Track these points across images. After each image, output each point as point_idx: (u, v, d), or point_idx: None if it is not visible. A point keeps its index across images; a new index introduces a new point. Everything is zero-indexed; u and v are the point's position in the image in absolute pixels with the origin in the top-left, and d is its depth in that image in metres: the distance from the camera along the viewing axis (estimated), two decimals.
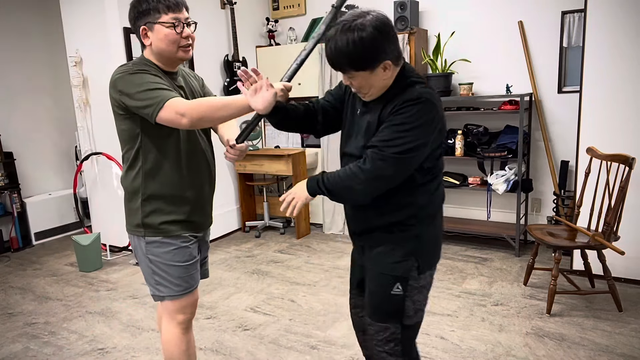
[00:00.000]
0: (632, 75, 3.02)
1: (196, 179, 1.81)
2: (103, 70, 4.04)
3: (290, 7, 4.94)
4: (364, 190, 1.46)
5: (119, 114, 1.70)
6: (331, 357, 2.51)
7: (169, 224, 1.76)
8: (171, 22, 1.65)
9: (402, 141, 1.39)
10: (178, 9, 1.66)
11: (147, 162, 1.72)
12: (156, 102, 1.57)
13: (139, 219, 1.75)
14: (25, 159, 4.86)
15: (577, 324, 2.74)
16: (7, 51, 4.69)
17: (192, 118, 1.55)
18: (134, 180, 1.75)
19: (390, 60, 1.41)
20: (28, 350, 2.73)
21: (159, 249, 1.76)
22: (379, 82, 1.45)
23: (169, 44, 1.66)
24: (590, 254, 3.11)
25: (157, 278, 1.78)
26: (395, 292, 1.54)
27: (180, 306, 1.82)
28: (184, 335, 1.86)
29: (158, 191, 1.74)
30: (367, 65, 1.39)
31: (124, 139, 1.74)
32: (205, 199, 1.88)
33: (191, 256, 1.82)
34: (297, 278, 3.61)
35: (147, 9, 1.64)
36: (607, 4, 3.02)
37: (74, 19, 4.13)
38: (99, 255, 4.01)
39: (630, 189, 2.93)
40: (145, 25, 1.66)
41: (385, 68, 1.41)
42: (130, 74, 1.62)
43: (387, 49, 1.39)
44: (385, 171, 1.42)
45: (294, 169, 4.43)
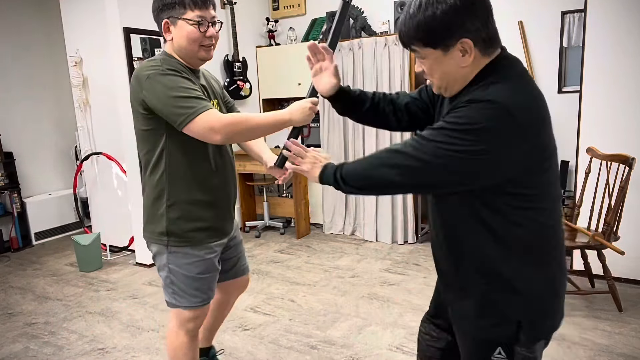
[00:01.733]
0: (632, 75, 3.02)
1: (223, 181, 1.75)
2: (103, 70, 4.05)
3: (290, 7, 4.94)
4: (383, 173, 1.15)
5: (140, 113, 1.60)
6: (331, 357, 2.51)
7: (196, 231, 1.69)
8: (196, 20, 1.57)
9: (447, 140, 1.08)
10: (205, 6, 1.58)
11: (172, 164, 1.63)
12: (188, 112, 1.48)
13: (163, 226, 1.67)
14: (25, 159, 4.86)
15: (577, 324, 2.74)
16: (7, 51, 4.69)
17: (225, 135, 1.48)
18: (158, 184, 1.66)
19: (471, 40, 1.09)
20: (28, 350, 2.73)
21: (181, 259, 1.70)
22: (455, 70, 1.13)
23: (191, 42, 1.59)
24: (590, 254, 3.11)
25: (175, 288, 1.74)
26: (497, 358, 1.21)
27: (193, 316, 1.79)
28: (192, 342, 1.84)
29: (185, 196, 1.66)
30: (438, 40, 1.10)
31: (145, 139, 1.65)
32: (232, 202, 1.83)
33: (212, 268, 1.77)
34: (297, 278, 3.61)
35: (173, 2, 1.56)
36: (607, 4, 3.02)
37: (74, 18, 4.14)
38: (99, 255, 4.01)
39: (630, 189, 2.92)
40: (168, 19, 1.59)
41: (464, 50, 1.10)
42: (161, 74, 1.52)
43: (467, 23, 1.07)
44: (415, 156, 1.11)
45: None
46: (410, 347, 2.57)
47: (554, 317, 1.22)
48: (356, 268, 3.77)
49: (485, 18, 1.10)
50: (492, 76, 1.12)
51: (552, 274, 1.20)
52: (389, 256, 4.00)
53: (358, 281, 3.50)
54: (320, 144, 4.65)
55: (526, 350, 1.19)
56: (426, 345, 1.57)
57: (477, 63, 1.13)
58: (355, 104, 1.48)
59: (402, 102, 1.47)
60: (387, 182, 1.16)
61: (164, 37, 1.65)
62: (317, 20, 4.74)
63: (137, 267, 3.98)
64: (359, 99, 1.48)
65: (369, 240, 4.42)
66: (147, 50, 3.88)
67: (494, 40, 1.14)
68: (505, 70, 1.14)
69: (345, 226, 4.65)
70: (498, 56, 1.16)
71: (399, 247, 4.23)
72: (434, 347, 1.54)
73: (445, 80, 1.17)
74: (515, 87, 1.11)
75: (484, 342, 1.22)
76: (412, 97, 1.48)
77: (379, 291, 3.30)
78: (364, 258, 3.99)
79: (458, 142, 1.06)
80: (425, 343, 1.57)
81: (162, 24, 1.61)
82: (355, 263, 3.88)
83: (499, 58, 1.16)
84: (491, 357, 1.21)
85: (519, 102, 1.08)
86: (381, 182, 1.17)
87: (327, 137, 4.57)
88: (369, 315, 2.96)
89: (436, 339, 1.53)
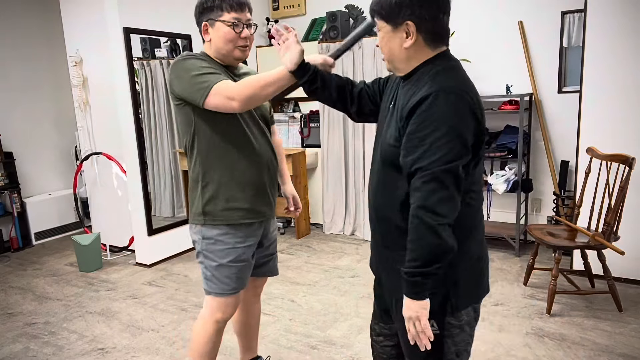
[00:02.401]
0: (632, 75, 3.02)
1: (257, 163, 1.81)
2: (103, 70, 4.05)
3: (290, 7, 4.94)
4: (444, 231, 1.19)
5: (175, 104, 1.75)
6: (331, 357, 2.51)
7: (230, 210, 1.78)
8: (232, 21, 1.70)
9: (441, 149, 1.18)
10: (241, 9, 1.72)
11: (203, 148, 1.74)
12: (204, 87, 1.59)
13: (199, 207, 1.78)
14: (25, 159, 4.86)
15: (577, 324, 2.74)
16: (7, 51, 4.69)
17: (241, 100, 1.56)
18: (194, 169, 1.79)
19: (414, 23, 1.23)
20: (28, 350, 2.73)
21: (214, 246, 1.80)
22: (398, 48, 1.27)
23: (227, 42, 1.72)
24: (590, 254, 3.11)
25: (208, 274, 1.83)
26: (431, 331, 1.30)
27: (222, 304, 1.86)
28: (216, 335, 1.89)
29: (218, 177, 1.76)
30: (389, 15, 1.25)
31: (182, 129, 1.77)
32: (267, 185, 1.87)
33: (243, 258, 1.84)
34: (297, 278, 3.61)
35: (212, 6, 1.69)
36: (607, 4, 3.02)
37: (74, 19, 4.14)
38: (99, 255, 4.01)
39: (630, 189, 2.92)
40: (207, 21, 1.72)
41: (408, 32, 1.24)
42: (183, 59, 1.67)
43: (416, 10, 1.22)
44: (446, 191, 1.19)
45: (294, 169, 4.43)
46: None
47: (480, 289, 1.38)
48: (356, 268, 3.77)
49: (435, 13, 1.24)
50: (438, 67, 1.26)
51: (478, 250, 1.36)
52: None
53: (358, 281, 3.50)
54: (320, 144, 4.65)
55: (455, 319, 1.32)
56: (381, 347, 1.61)
57: (419, 49, 1.27)
58: (322, 77, 1.53)
59: (357, 88, 1.58)
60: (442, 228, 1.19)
61: (203, 39, 1.78)
62: (317, 20, 4.74)
63: (137, 267, 3.98)
64: (325, 75, 1.54)
65: (369, 240, 4.41)
66: (147, 50, 3.89)
67: (440, 37, 1.28)
68: (448, 61, 1.29)
69: (345, 226, 4.65)
70: (444, 51, 1.31)
71: None
72: (388, 346, 1.59)
73: (391, 55, 1.31)
74: (461, 75, 1.27)
75: None
76: (367, 85, 1.59)
77: None
78: (364, 258, 3.99)
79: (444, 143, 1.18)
80: (379, 346, 1.62)
81: (202, 26, 1.74)
82: (355, 263, 3.88)
83: (446, 52, 1.31)
84: None
85: (470, 88, 1.24)
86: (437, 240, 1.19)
87: (327, 137, 4.57)
88: (369, 315, 2.95)
89: (390, 336, 1.57)
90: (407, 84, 1.32)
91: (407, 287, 1.22)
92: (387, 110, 1.40)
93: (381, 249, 1.44)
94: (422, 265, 1.19)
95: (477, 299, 1.37)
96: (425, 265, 1.18)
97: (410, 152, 1.21)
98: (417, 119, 1.21)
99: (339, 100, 1.56)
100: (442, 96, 1.19)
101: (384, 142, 1.34)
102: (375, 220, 1.43)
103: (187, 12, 4.18)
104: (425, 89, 1.21)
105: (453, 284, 1.30)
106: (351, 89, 1.57)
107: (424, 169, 1.18)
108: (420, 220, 1.18)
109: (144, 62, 3.89)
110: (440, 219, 1.17)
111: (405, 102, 1.27)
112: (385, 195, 1.36)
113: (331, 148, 4.56)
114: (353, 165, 4.49)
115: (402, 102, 1.30)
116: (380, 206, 1.39)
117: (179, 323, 2.97)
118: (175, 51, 4.12)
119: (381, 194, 1.38)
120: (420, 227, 1.18)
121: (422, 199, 1.18)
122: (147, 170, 3.98)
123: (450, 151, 1.17)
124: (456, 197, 1.20)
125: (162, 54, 4.02)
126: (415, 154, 1.20)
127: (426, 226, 1.17)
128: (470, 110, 1.21)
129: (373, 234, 1.47)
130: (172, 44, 4.10)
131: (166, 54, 4.06)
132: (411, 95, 1.26)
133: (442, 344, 1.33)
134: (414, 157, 1.20)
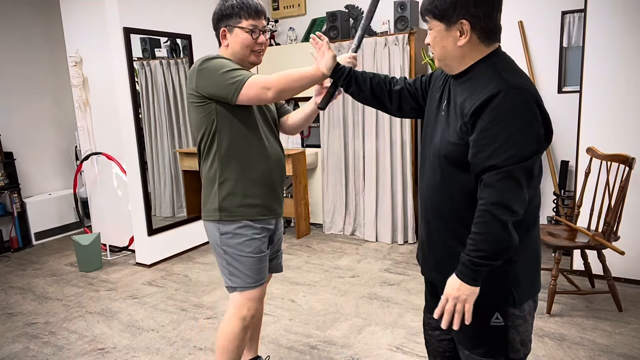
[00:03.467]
0: (632, 75, 3.02)
1: (271, 162, 1.90)
2: (103, 70, 4.05)
3: (290, 7, 4.94)
4: (513, 227, 1.22)
5: (195, 105, 1.80)
6: (331, 357, 2.51)
7: (246, 207, 1.84)
8: (250, 28, 1.80)
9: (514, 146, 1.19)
10: (258, 16, 1.81)
11: (222, 147, 1.81)
12: (238, 80, 1.69)
13: (216, 203, 1.84)
14: (25, 159, 4.86)
15: (577, 324, 2.74)
16: (7, 51, 4.69)
17: (276, 90, 1.67)
18: (211, 167, 1.84)
19: (468, 22, 1.24)
20: (28, 350, 2.73)
21: (232, 239, 1.85)
22: (452, 47, 1.29)
23: (244, 47, 1.81)
24: (590, 254, 3.11)
25: (231, 269, 1.88)
26: (495, 323, 1.34)
27: (248, 298, 1.90)
28: (242, 332, 1.93)
29: (235, 174, 1.83)
30: (443, 14, 1.26)
31: (199, 127, 1.82)
32: (279, 184, 1.97)
33: (261, 249, 1.90)
34: (297, 278, 3.61)
35: (231, 13, 1.79)
36: (607, 4, 3.02)
37: (74, 19, 4.14)
38: (99, 255, 4.01)
39: (630, 189, 2.93)
40: (226, 27, 1.82)
41: (461, 32, 1.26)
42: (208, 59, 1.75)
43: (471, 9, 1.23)
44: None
45: (294, 169, 4.43)
46: (410, 347, 2.57)
47: (537, 280, 1.40)
48: (356, 268, 3.77)
49: (489, 11, 1.25)
50: (496, 64, 1.27)
51: (536, 245, 1.38)
52: (389, 256, 4.00)
53: (358, 281, 3.50)
54: (320, 144, 4.65)
55: (518, 310, 1.35)
56: (437, 341, 1.60)
57: (474, 47, 1.28)
58: (356, 77, 1.61)
59: (397, 87, 1.60)
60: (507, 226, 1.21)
61: (220, 43, 1.87)
62: (317, 20, 4.74)
63: (137, 267, 3.98)
64: (362, 74, 1.62)
65: (369, 240, 4.43)
66: (147, 50, 3.89)
67: (494, 34, 1.29)
68: (507, 64, 1.28)
69: (345, 226, 4.65)
70: (497, 49, 1.32)
71: (399, 247, 4.23)
72: (446, 340, 1.58)
73: (444, 54, 1.32)
74: (522, 72, 1.27)
75: (482, 309, 1.30)
76: (408, 83, 1.61)
77: (379, 291, 3.31)
78: (364, 258, 3.99)
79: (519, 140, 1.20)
80: (435, 340, 1.61)
81: (220, 32, 1.84)
82: (355, 263, 3.88)
83: (498, 50, 1.31)
84: (490, 322, 1.34)
85: (532, 85, 1.24)
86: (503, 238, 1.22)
87: (327, 137, 4.57)
88: (369, 315, 2.96)
89: (446, 331, 1.55)
90: (463, 82, 1.32)
91: (466, 273, 1.24)
92: (439, 109, 1.41)
93: (438, 244, 1.43)
94: (488, 257, 1.21)
95: (537, 290, 1.40)
96: (491, 258, 1.21)
97: (482, 149, 1.21)
98: (488, 116, 1.21)
99: (375, 100, 1.62)
100: (513, 93, 1.20)
101: (443, 139, 1.34)
102: (432, 216, 1.42)
103: (187, 12, 4.19)
104: (492, 86, 1.22)
105: (516, 277, 1.32)
106: (390, 88, 1.60)
107: (498, 166, 1.19)
108: (492, 216, 1.19)
109: (144, 62, 3.89)
110: (514, 216, 1.20)
111: (466, 100, 1.27)
112: (444, 191, 1.36)
113: (331, 148, 4.56)
114: (353, 165, 4.49)
115: (460, 99, 1.30)
116: (439, 202, 1.39)
117: (179, 323, 2.97)
118: (175, 51, 4.12)
119: (440, 191, 1.37)
120: (492, 223, 1.20)
121: (497, 196, 1.19)
122: (147, 170, 3.98)
123: (525, 148, 1.19)
124: (527, 194, 1.22)
125: (162, 54, 4.02)
126: (488, 151, 1.20)
127: (498, 222, 1.19)
128: (539, 107, 1.22)
129: (428, 232, 1.46)
130: (172, 44, 4.10)
131: (166, 54, 4.06)
132: (473, 92, 1.26)
133: (506, 334, 1.35)
134: (487, 154, 1.20)
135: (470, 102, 1.25)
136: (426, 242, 1.49)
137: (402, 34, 4.01)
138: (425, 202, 1.45)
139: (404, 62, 4.03)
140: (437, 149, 1.36)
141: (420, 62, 4.12)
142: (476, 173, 1.25)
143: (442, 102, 1.41)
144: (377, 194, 4.34)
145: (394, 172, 4.23)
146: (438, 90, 1.45)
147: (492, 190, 1.20)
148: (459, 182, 1.32)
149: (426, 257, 1.50)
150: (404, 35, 4.00)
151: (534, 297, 1.40)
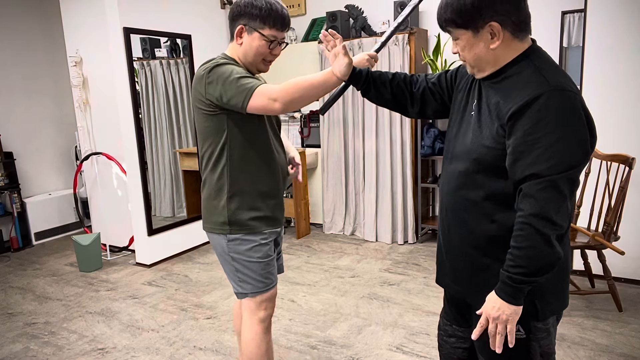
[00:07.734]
0: (632, 75, 3.02)
1: (278, 174, 1.85)
2: (103, 70, 4.05)
3: (290, 7, 4.94)
4: (558, 241, 1.13)
5: (202, 112, 1.71)
6: (331, 357, 2.51)
7: (256, 220, 1.79)
8: (270, 38, 1.70)
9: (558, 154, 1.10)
10: (282, 29, 1.72)
11: (233, 158, 1.74)
12: (246, 89, 1.58)
13: (224, 216, 1.78)
14: (25, 159, 4.86)
15: (577, 324, 2.74)
16: (7, 51, 4.69)
17: (284, 102, 1.56)
18: (220, 178, 1.77)
19: (498, 23, 1.15)
20: (28, 350, 2.73)
21: (240, 246, 1.80)
22: (485, 51, 1.19)
23: (258, 55, 1.72)
24: (590, 254, 3.11)
25: (241, 275, 1.83)
26: (517, 336, 1.26)
27: (261, 301, 1.86)
28: (265, 334, 1.89)
29: (243, 187, 1.77)
30: (469, 21, 1.16)
31: (207, 135, 1.75)
32: (281, 193, 1.93)
33: (269, 254, 1.86)
34: (297, 278, 3.61)
35: (256, 14, 1.67)
36: (607, 4, 3.02)
37: (74, 19, 4.13)
38: (99, 255, 4.01)
39: (630, 189, 2.93)
40: (245, 25, 1.70)
41: (492, 33, 1.17)
42: (217, 65, 1.64)
43: (497, 6, 1.13)
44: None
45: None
46: (410, 347, 2.57)
47: (564, 296, 1.31)
48: (356, 268, 3.77)
49: (517, 3, 1.16)
50: (534, 61, 1.18)
51: (565, 256, 1.27)
52: (389, 256, 4.00)
53: (358, 281, 3.50)
54: (320, 144, 4.65)
55: (542, 323, 1.28)
56: (452, 348, 1.56)
57: (508, 45, 1.19)
58: (374, 81, 1.51)
59: (419, 88, 1.51)
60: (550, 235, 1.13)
61: (232, 37, 1.75)
62: (317, 20, 4.74)
63: (137, 267, 3.98)
64: (380, 76, 1.51)
65: (369, 240, 4.43)
66: (147, 50, 3.89)
67: (525, 25, 1.19)
68: (542, 58, 1.20)
69: (345, 226, 4.65)
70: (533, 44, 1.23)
71: (399, 247, 4.23)
72: (461, 348, 1.54)
73: (477, 60, 1.22)
74: (563, 70, 1.18)
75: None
76: (431, 82, 1.51)
77: (379, 291, 3.31)
78: (364, 258, 3.99)
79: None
80: (449, 346, 1.56)
81: (237, 28, 1.71)
82: (355, 263, 3.88)
83: (533, 45, 1.22)
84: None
85: (575, 84, 1.15)
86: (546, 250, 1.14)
87: (327, 137, 4.57)
88: (369, 315, 2.96)
89: (464, 339, 1.52)
90: (498, 82, 1.23)
91: (506, 291, 1.17)
92: (468, 109, 1.32)
93: (456, 251, 1.37)
94: (529, 273, 1.13)
95: (564, 305, 1.32)
96: (533, 274, 1.13)
97: (523, 156, 1.12)
98: (529, 120, 1.11)
99: (396, 104, 1.54)
100: (556, 95, 1.10)
101: (475, 142, 1.25)
102: (453, 221, 1.35)
103: (187, 12, 4.19)
104: (532, 87, 1.13)
105: (540, 290, 1.24)
106: (411, 90, 1.51)
107: (540, 175, 1.10)
108: (533, 229, 1.11)
109: (144, 62, 3.89)
110: (558, 229, 1.11)
111: (501, 100, 1.19)
112: (469, 197, 1.28)
113: (331, 148, 4.56)
114: (353, 165, 4.49)
115: (494, 100, 1.22)
116: (461, 208, 1.31)
117: (179, 323, 2.97)
118: (175, 51, 4.13)
119: (464, 196, 1.30)
120: (534, 236, 1.11)
121: (538, 207, 1.10)
122: (147, 170, 3.98)
123: (570, 156, 1.09)
124: (570, 205, 1.13)
125: (162, 54, 4.02)
126: (529, 158, 1.11)
127: (540, 235, 1.11)
128: (583, 111, 1.12)
129: (451, 236, 1.37)
130: (172, 44, 4.10)
131: (166, 54, 4.06)
132: (511, 93, 1.17)
133: (528, 347, 1.29)
134: (528, 162, 1.11)
135: (507, 103, 1.17)
136: (444, 246, 1.42)
137: (402, 34, 4.01)
138: (446, 205, 1.37)
139: (404, 62, 4.03)
140: (467, 151, 1.27)
141: (420, 62, 4.12)
142: (515, 182, 1.16)
143: (470, 101, 1.31)
144: (377, 194, 4.34)
145: (394, 172, 4.23)
146: (465, 87, 1.36)
147: (533, 201, 1.11)
148: (488, 188, 1.24)
149: (443, 263, 1.44)
150: (404, 35, 4.00)
151: (560, 312, 1.32)
